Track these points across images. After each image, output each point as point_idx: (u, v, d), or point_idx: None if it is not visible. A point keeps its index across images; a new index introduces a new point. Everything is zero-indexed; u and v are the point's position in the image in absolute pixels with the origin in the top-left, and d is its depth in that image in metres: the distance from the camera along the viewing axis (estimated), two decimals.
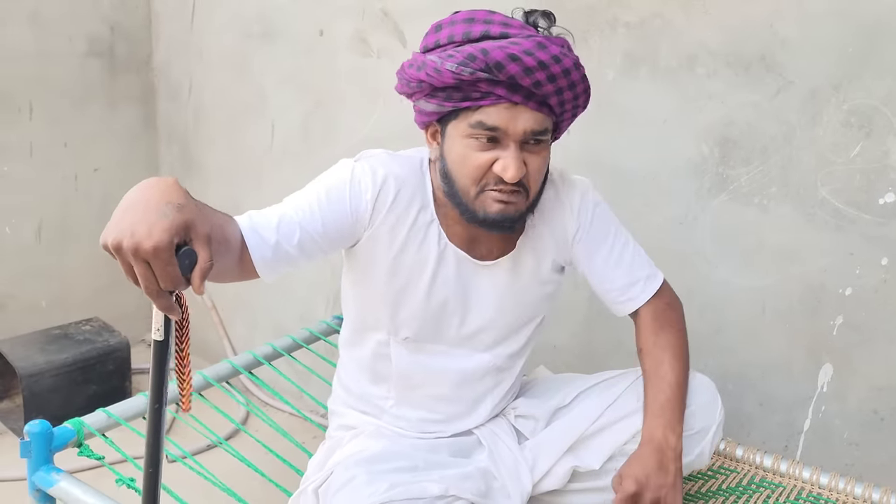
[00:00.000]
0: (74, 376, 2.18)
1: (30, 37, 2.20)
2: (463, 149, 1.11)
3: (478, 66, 1.04)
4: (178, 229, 0.81)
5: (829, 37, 1.37)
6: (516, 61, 1.03)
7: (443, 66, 1.06)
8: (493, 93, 1.06)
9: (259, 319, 2.44)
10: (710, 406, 1.26)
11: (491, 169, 1.10)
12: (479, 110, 1.08)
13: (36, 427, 1.24)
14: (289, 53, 2.14)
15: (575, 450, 1.25)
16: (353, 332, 1.31)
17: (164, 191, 0.85)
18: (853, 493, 1.38)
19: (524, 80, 1.04)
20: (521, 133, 1.08)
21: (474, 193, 1.12)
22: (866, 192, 1.39)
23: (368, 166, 1.16)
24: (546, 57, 1.04)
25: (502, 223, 1.13)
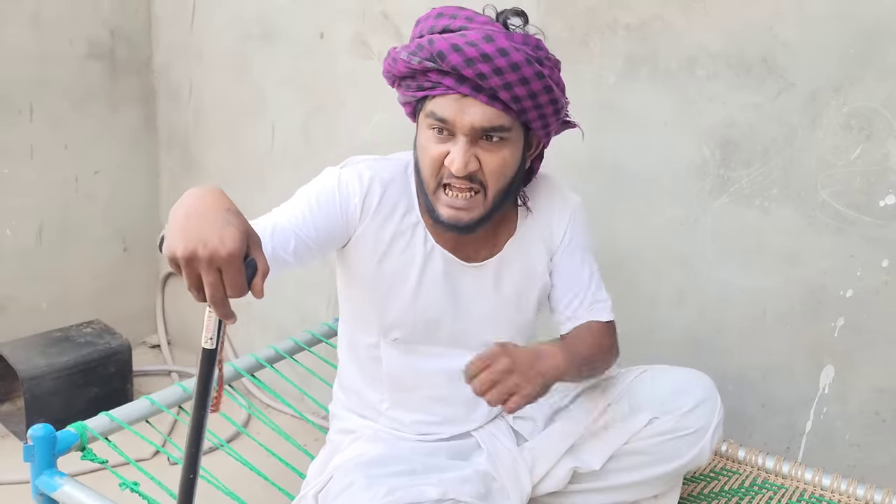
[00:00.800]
0: (76, 379, 2.18)
1: (30, 39, 2.20)
2: (423, 140, 1.14)
3: (424, 56, 1.07)
4: (245, 237, 0.82)
5: (830, 39, 1.38)
6: (458, 51, 1.04)
7: (398, 54, 1.11)
8: (441, 83, 1.07)
9: (260, 322, 2.44)
10: (708, 404, 1.26)
11: (443, 164, 1.11)
12: (432, 101, 1.10)
13: (39, 431, 1.24)
14: (289, 55, 2.14)
15: (575, 450, 1.25)
16: (347, 333, 1.32)
17: (218, 199, 0.85)
18: (855, 495, 1.38)
19: (466, 70, 1.04)
20: (468, 126, 1.08)
21: (433, 188, 1.14)
22: (867, 194, 1.39)
23: (354, 171, 1.19)
24: (491, 49, 1.04)
25: (456, 225, 1.14)
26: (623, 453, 1.24)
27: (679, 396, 1.24)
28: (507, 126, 1.10)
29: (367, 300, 1.23)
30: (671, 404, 1.24)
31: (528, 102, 1.08)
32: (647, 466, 1.25)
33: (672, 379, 1.27)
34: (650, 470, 1.25)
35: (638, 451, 1.24)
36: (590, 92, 1.65)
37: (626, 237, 1.64)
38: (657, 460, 1.24)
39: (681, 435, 1.23)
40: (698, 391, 1.25)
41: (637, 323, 1.69)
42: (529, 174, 1.25)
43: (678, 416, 1.23)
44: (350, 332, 1.31)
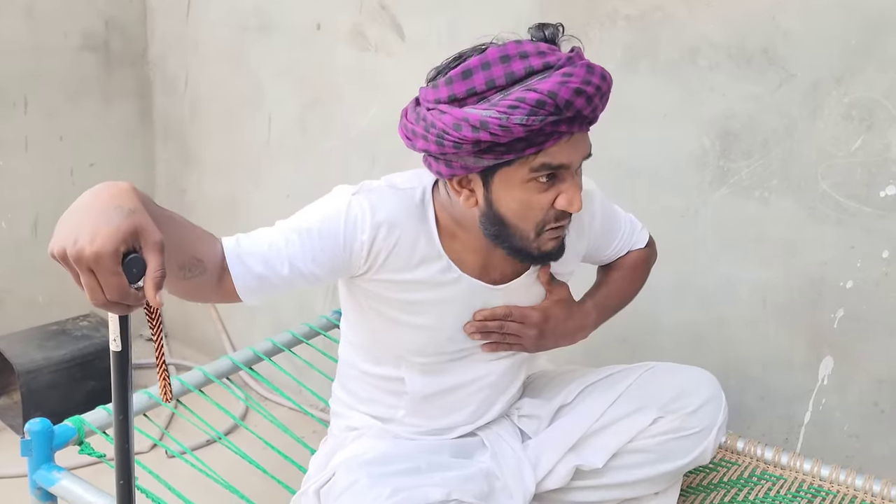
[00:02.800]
0: (73, 372, 2.17)
1: (24, 31, 2.18)
2: (523, 194, 1.03)
3: (548, 111, 0.95)
4: (124, 235, 0.76)
5: (832, 29, 1.37)
6: (581, 94, 0.96)
7: (510, 121, 0.95)
8: (556, 131, 0.98)
9: (257, 315, 2.43)
10: (712, 404, 1.24)
11: (552, 206, 1.04)
12: (542, 153, 1.00)
13: (37, 425, 1.23)
14: (286, 47, 2.13)
15: (578, 448, 1.24)
16: (360, 350, 1.26)
17: (114, 195, 0.79)
18: (854, 485, 1.38)
19: (587, 109, 0.98)
20: (579, 161, 1.04)
21: (534, 235, 1.07)
22: (867, 185, 1.39)
23: (368, 203, 1.08)
24: (598, 79, 0.98)
25: (559, 255, 1.12)
26: (626, 451, 1.23)
27: (684, 396, 1.23)
28: None
29: (390, 335, 1.18)
30: (676, 404, 1.22)
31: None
32: (649, 465, 1.24)
33: (677, 378, 1.26)
34: (653, 468, 1.24)
35: (641, 450, 1.23)
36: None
37: None
38: (660, 459, 1.23)
39: (685, 435, 1.22)
40: (703, 391, 1.24)
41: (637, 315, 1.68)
42: None
43: (682, 415, 1.22)
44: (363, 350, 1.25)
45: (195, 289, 1.01)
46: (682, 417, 1.22)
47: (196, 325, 2.63)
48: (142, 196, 0.84)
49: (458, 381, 1.23)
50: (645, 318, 1.67)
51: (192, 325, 2.65)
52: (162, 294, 0.78)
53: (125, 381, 0.83)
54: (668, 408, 1.22)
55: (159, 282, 0.77)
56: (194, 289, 1.01)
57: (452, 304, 1.16)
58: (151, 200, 0.88)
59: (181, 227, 0.96)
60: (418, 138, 1.04)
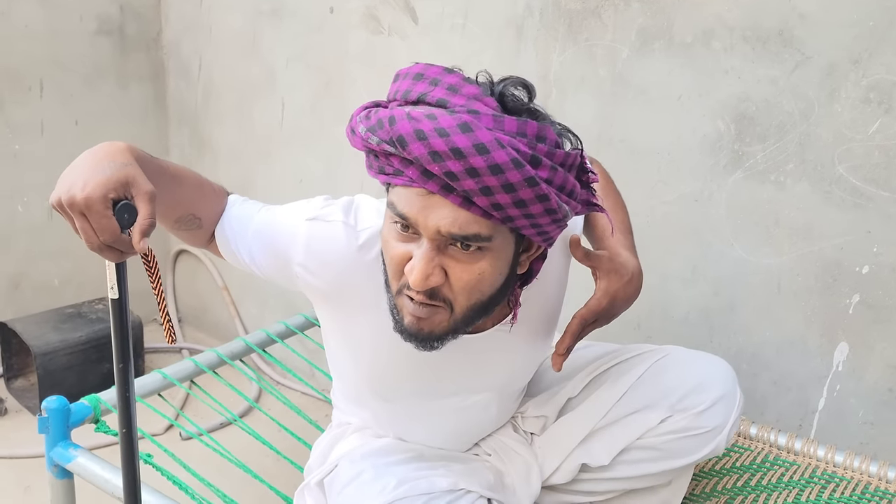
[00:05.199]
0: (89, 354, 2.20)
1: (40, 15, 2.19)
2: (387, 233, 0.92)
3: (383, 137, 0.83)
4: (114, 184, 0.81)
5: (850, 10, 1.35)
6: (422, 140, 0.80)
7: (356, 124, 0.89)
8: (404, 172, 0.84)
9: (270, 299, 2.44)
10: (725, 402, 1.16)
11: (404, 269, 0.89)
12: (394, 189, 0.88)
13: (53, 403, 1.25)
14: (299, 31, 2.12)
15: (584, 444, 1.18)
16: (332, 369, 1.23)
17: (109, 151, 0.85)
18: (868, 472, 1.37)
19: (432, 166, 0.80)
20: (434, 230, 0.85)
21: (395, 289, 0.93)
22: (885, 168, 1.37)
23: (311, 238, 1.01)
24: (465, 143, 0.79)
25: (416, 337, 0.93)
26: (633, 448, 1.17)
27: (696, 393, 1.15)
28: (485, 235, 0.86)
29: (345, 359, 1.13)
30: (688, 402, 1.14)
31: (514, 211, 0.83)
32: (656, 461, 1.18)
33: (690, 371, 1.18)
34: (660, 464, 1.18)
35: (649, 447, 1.17)
36: (602, 66, 1.63)
37: (639, 213, 1.62)
38: (668, 456, 1.17)
39: (695, 434, 1.15)
40: (717, 387, 1.15)
41: (650, 299, 1.68)
42: (528, 276, 1.00)
43: (692, 415, 1.14)
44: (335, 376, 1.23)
45: (189, 238, 1.09)
46: (691, 417, 1.14)
47: (209, 311, 2.64)
48: (139, 154, 0.90)
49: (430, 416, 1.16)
50: (659, 304, 1.66)
51: (205, 310, 2.66)
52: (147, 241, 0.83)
53: (124, 327, 0.88)
54: (678, 406, 1.15)
55: (147, 229, 0.82)
56: (188, 238, 1.09)
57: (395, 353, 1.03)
58: (154, 159, 0.94)
59: (183, 185, 1.01)
60: None
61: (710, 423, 1.14)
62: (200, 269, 2.62)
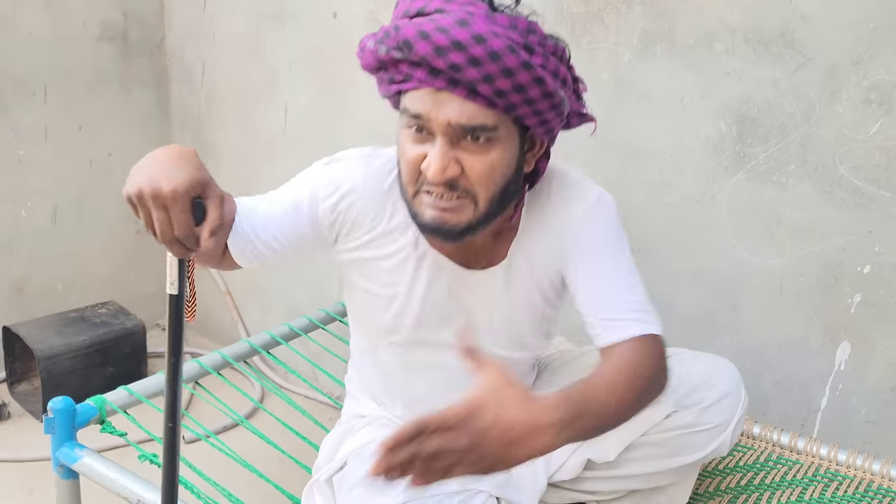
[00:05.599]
0: (92, 359, 2.20)
1: (44, 21, 2.21)
2: (401, 140, 1.00)
3: (391, 44, 0.92)
4: (196, 182, 0.85)
5: (850, 12, 1.36)
6: (426, 39, 0.89)
7: (366, 42, 0.97)
8: (412, 76, 0.93)
9: (273, 302, 2.45)
10: (730, 399, 1.17)
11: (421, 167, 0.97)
12: (406, 95, 0.96)
13: (59, 403, 1.25)
14: (302, 35, 2.14)
15: (589, 442, 1.17)
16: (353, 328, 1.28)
17: (184, 153, 0.88)
18: (871, 470, 1.38)
19: (437, 61, 0.89)
20: (445, 124, 0.93)
21: (412, 193, 1.00)
22: (886, 169, 1.38)
23: (334, 174, 1.10)
24: (464, 35, 0.88)
25: (440, 230, 0.99)
26: (639, 444, 1.18)
27: (702, 390, 1.16)
28: (492, 125, 0.94)
29: (359, 304, 1.18)
30: (693, 398, 1.16)
31: (515, 97, 0.92)
32: (663, 458, 1.18)
33: (696, 369, 1.19)
34: (666, 462, 1.19)
35: (654, 443, 1.18)
36: (605, 68, 1.64)
37: (642, 214, 1.63)
38: (674, 453, 1.18)
39: (700, 430, 1.16)
40: (722, 384, 1.17)
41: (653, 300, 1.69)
42: (534, 176, 1.08)
43: (699, 410, 1.15)
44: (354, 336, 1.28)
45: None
46: (697, 413, 1.15)
47: (212, 315, 2.65)
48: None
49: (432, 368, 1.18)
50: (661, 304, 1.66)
51: (208, 314, 2.67)
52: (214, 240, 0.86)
53: (179, 322, 0.91)
54: (684, 402, 1.16)
55: (216, 229, 0.86)
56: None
57: (417, 281, 1.10)
58: None
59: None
60: None
61: (715, 420, 1.15)
62: (203, 273, 2.62)
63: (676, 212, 1.61)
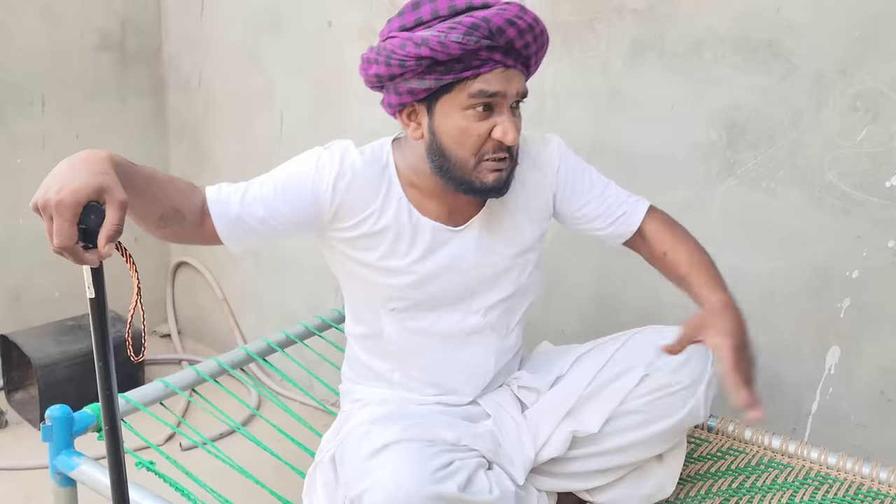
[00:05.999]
0: (89, 366, 2.19)
1: (42, 31, 2.22)
2: (462, 121, 1.14)
3: (482, 34, 1.08)
4: (88, 190, 0.86)
5: (836, 21, 1.38)
6: (513, 25, 1.09)
7: (447, 38, 1.08)
8: (491, 59, 1.10)
9: (269, 310, 2.46)
10: (697, 358, 1.27)
11: (489, 137, 1.14)
12: (478, 78, 1.12)
13: (57, 412, 1.26)
14: (297, 45, 2.15)
15: (573, 415, 1.27)
16: (351, 310, 1.35)
17: (89, 159, 0.91)
18: (861, 473, 1.39)
19: (518, 42, 1.11)
20: (514, 95, 1.14)
21: (473, 164, 1.15)
22: (873, 175, 1.40)
23: (336, 155, 1.21)
24: (531, 19, 1.12)
25: (500, 189, 1.18)
26: (619, 415, 1.26)
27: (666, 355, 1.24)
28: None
29: (359, 277, 1.26)
30: (661, 360, 1.26)
31: (539, 62, 1.18)
32: (643, 426, 1.26)
33: (661, 337, 1.27)
34: (647, 429, 1.26)
35: (633, 411, 1.26)
36: (597, 76, 1.66)
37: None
38: (653, 418, 1.26)
39: (673, 391, 1.25)
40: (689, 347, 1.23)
41: (645, 305, 1.71)
42: None
43: (668, 371, 1.25)
44: (350, 308, 1.34)
45: (177, 234, 1.14)
46: (668, 373, 1.25)
47: (209, 322, 2.66)
48: (118, 161, 0.96)
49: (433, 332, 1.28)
50: (653, 309, 1.69)
51: (204, 322, 2.68)
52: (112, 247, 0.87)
53: (104, 326, 0.92)
54: (655, 364, 1.26)
55: (113, 235, 0.88)
56: (177, 234, 1.14)
57: (414, 246, 1.23)
58: (132, 164, 1.00)
59: (161, 184, 1.08)
60: (371, 64, 1.17)
61: (686, 378, 1.26)
62: (199, 281, 2.64)
63: None
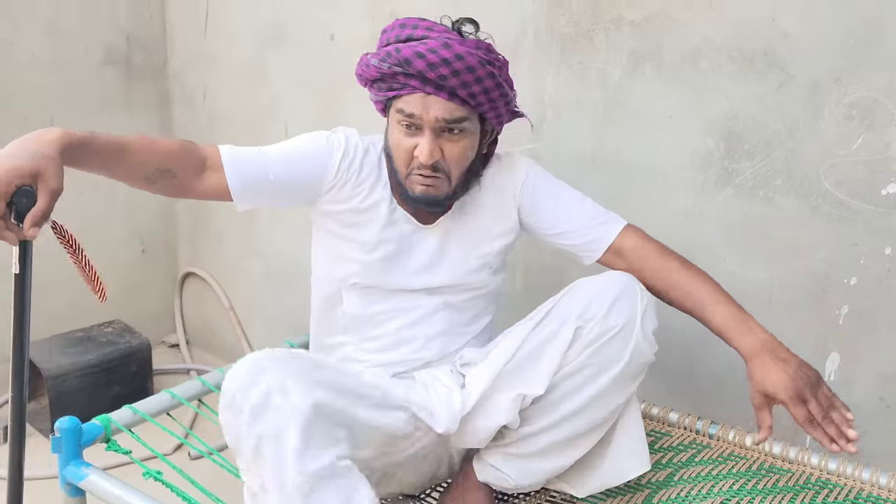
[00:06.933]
0: (98, 377, 2.24)
1: (48, 46, 2.26)
2: (395, 133, 1.30)
3: (393, 62, 1.24)
4: (21, 173, 0.94)
5: (830, 30, 1.40)
6: (421, 58, 1.21)
7: (370, 61, 1.28)
8: (408, 84, 1.24)
9: (276, 319, 2.49)
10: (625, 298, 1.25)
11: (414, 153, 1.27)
12: (400, 99, 1.27)
13: (66, 423, 1.29)
14: (300, 58, 2.18)
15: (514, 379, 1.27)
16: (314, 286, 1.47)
17: (37, 140, 0.98)
18: (860, 478, 1.40)
19: (429, 73, 1.21)
20: (433, 120, 1.25)
21: (405, 174, 1.30)
22: (869, 183, 1.41)
23: (344, 134, 1.37)
24: (449, 54, 1.21)
25: (427, 201, 1.31)
26: (565, 377, 1.26)
27: (596, 300, 1.25)
28: (465, 117, 1.27)
29: (330, 251, 1.40)
30: (591, 310, 1.24)
31: (482, 98, 1.26)
32: (592, 380, 1.25)
33: (591, 286, 1.28)
34: (597, 382, 1.25)
35: (577, 369, 1.25)
36: (595, 87, 1.68)
37: None
38: (597, 371, 1.25)
39: (609, 337, 1.23)
40: (612, 289, 1.26)
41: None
42: (487, 157, 1.43)
43: (599, 319, 1.23)
44: (315, 284, 1.46)
45: (167, 189, 1.26)
46: (598, 322, 1.23)
47: (216, 332, 2.69)
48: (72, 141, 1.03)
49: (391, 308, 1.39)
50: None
51: (212, 331, 2.71)
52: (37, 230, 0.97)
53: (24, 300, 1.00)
54: (584, 316, 1.24)
55: (38, 220, 0.97)
56: (167, 189, 1.26)
57: (385, 231, 1.37)
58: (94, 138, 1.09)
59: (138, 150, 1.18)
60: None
61: (618, 321, 1.24)
62: (207, 291, 2.67)
63: (667, 226, 1.64)
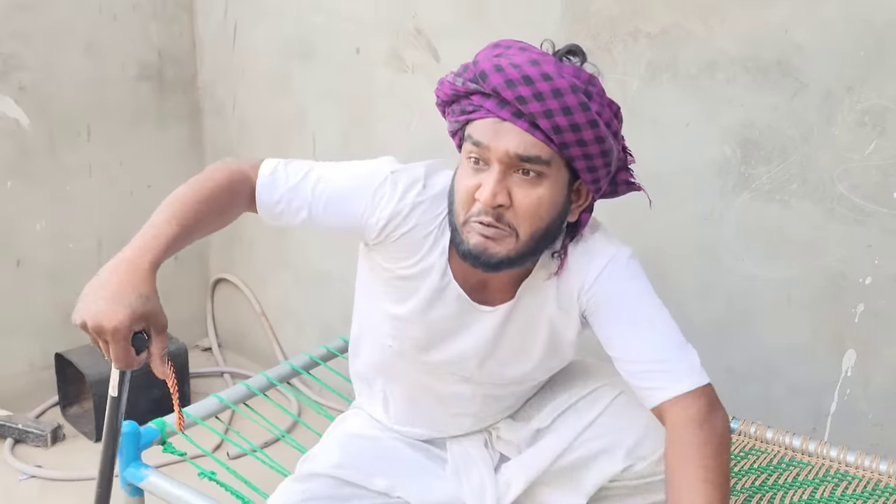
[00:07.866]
0: (139, 381, 2.26)
1: (86, 65, 2.35)
2: (461, 170, 1.08)
3: (468, 76, 1.04)
4: (137, 319, 0.94)
5: (842, 41, 1.45)
6: (500, 72, 1.00)
7: (445, 79, 1.09)
8: (483, 106, 1.03)
9: (306, 323, 2.56)
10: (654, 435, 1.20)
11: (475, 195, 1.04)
12: (471, 125, 1.05)
13: (126, 427, 1.37)
14: (327, 71, 2.26)
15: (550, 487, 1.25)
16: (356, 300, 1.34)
17: (133, 279, 0.97)
18: (878, 470, 1.46)
19: (506, 92, 0.99)
20: (503, 152, 1.02)
21: (462, 220, 1.07)
22: (882, 186, 1.47)
23: (400, 187, 1.14)
24: (534, 72, 0.99)
25: (480, 258, 1.05)
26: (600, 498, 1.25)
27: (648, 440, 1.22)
28: (545, 158, 1.02)
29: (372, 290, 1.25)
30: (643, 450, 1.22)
31: (570, 135, 1.00)
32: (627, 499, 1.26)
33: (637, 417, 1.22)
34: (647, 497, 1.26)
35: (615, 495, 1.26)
36: (615, 97, 1.72)
37: (653, 234, 1.73)
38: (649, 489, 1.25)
39: (656, 479, 1.23)
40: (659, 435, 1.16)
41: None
42: (576, 227, 1.13)
43: (651, 462, 1.22)
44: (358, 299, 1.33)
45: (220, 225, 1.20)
46: (650, 465, 1.22)
47: (248, 336, 2.77)
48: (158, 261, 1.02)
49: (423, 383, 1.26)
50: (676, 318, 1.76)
51: (244, 335, 2.79)
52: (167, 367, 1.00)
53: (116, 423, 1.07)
54: (636, 453, 1.22)
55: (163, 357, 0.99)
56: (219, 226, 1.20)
57: (432, 305, 1.16)
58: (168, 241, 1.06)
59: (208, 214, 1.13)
60: None
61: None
62: (238, 296, 2.75)
63: (687, 230, 1.71)
